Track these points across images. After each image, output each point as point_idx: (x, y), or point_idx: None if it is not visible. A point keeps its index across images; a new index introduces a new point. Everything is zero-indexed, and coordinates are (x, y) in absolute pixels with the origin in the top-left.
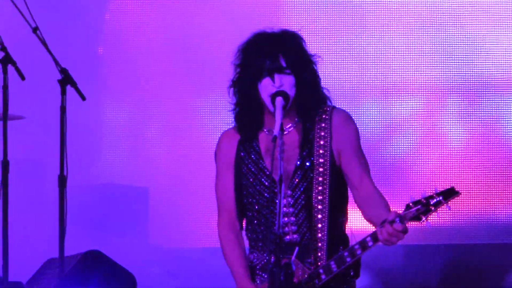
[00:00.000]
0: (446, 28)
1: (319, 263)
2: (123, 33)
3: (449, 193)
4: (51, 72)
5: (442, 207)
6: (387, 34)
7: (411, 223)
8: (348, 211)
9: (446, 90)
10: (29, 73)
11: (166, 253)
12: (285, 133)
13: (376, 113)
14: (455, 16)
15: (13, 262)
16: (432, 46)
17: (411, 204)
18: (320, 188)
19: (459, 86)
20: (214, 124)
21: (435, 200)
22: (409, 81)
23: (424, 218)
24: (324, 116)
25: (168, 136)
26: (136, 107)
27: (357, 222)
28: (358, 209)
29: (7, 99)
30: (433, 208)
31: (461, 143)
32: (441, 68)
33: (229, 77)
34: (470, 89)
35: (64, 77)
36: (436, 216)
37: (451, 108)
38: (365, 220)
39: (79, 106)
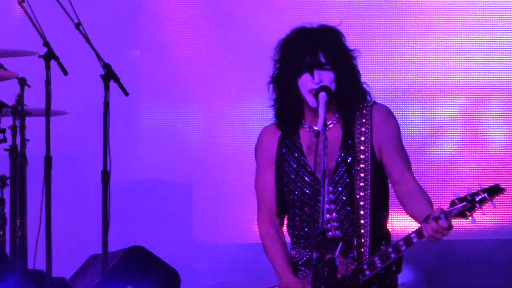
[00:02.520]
0: (487, 31)
1: (362, 259)
2: (162, 34)
3: (494, 190)
4: (94, 68)
5: (487, 204)
6: (428, 37)
7: (456, 219)
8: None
9: (487, 92)
10: (72, 69)
11: (209, 248)
12: (327, 128)
13: (418, 117)
14: (495, 19)
15: (57, 258)
16: (473, 49)
17: (456, 201)
18: (362, 184)
19: (500, 89)
20: (255, 119)
21: (480, 196)
22: (450, 84)
23: (469, 215)
24: (364, 112)
25: (210, 131)
26: (177, 103)
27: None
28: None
29: (50, 94)
30: (478, 205)
31: (503, 145)
32: (482, 71)
33: (268, 74)
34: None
35: (107, 72)
36: (481, 211)
37: (493, 110)
38: (406, 218)
39: (121, 102)
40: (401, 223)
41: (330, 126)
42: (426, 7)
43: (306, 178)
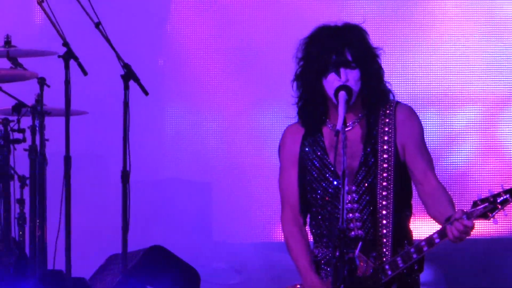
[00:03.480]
0: (503, 38)
1: (384, 259)
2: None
3: None
4: (113, 68)
5: (509, 205)
6: (445, 44)
7: (478, 220)
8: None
9: (504, 100)
10: (92, 69)
11: (229, 248)
12: (348, 128)
13: (434, 124)
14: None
15: (76, 258)
16: (488, 57)
17: (478, 202)
18: (384, 184)
19: None
20: (275, 118)
21: (502, 198)
22: (465, 91)
23: (491, 216)
24: (388, 112)
25: (228, 131)
26: (197, 105)
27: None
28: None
29: (70, 94)
30: (500, 206)
31: None
32: (498, 79)
33: (285, 79)
34: None
35: (127, 72)
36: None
37: (510, 117)
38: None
39: (141, 102)
40: (424, 224)
41: (351, 126)
42: (444, 14)
43: (328, 176)
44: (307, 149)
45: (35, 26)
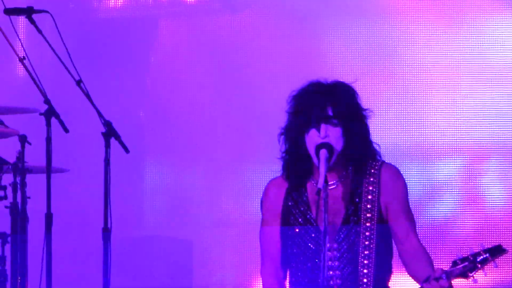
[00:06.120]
0: (485, 89)
1: None
2: (164, 90)
3: (496, 251)
4: (95, 125)
5: (489, 264)
6: (425, 95)
7: (457, 279)
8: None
9: (485, 151)
10: (73, 126)
11: None
12: (332, 187)
13: (415, 176)
14: (493, 75)
15: None
16: (470, 108)
17: (458, 261)
18: (366, 242)
19: (498, 148)
20: (260, 172)
21: (482, 257)
22: (446, 143)
23: (470, 275)
24: (373, 171)
25: (211, 188)
26: (178, 161)
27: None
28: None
29: (51, 151)
30: (479, 266)
31: (503, 203)
32: (480, 130)
33: (277, 124)
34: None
35: (108, 130)
36: (482, 272)
37: (491, 169)
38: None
39: (123, 159)
40: (403, 283)
41: (334, 184)
42: (425, 64)
43: (310, 232)
44: (290, 203)
45: (17, 83)
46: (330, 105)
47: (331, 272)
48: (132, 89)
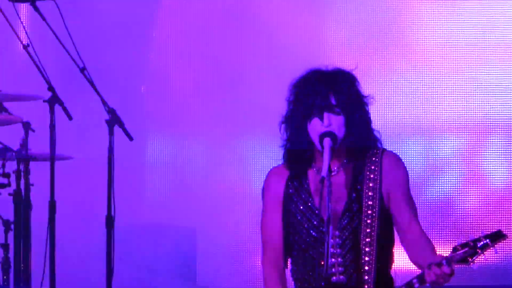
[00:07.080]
0: (488, 68)
1: None
2: (168, 71)
3: (496, 236)
4: (98, 112)
5: (489, 249)
6: (428, 74)
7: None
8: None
9: (488, 130)
10: (77, 113)
11: None
12: (333, 173)
13: (418, 153)
14: (494, 56)
15: None
16: (473, 86)
17: (458, 247)
18: (368, 230)
19: (500, 126)
20: (260, 161)
21: (482, 243)
22: (449, 121)
23: (471, 261)
24: (374, 158)
25: (213, 175)
26: (181, 147)
27: (400, 262)
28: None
29: (54, 139)
30: (480, 251)
31: (505, 182)
32: (483, 108)
33: (275, 114)
34: None
35: (112, 117)
36: (482, 257)
37: (494, 147)
38: (408, 261)
39: (125, 146)
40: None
41: (335, 171)
42: (427, 44)
43: (312, 220)
44: (291, 191)
45: (20, 71)
46: (332, 93)
47: (333, 260)
48: (134, 65)
